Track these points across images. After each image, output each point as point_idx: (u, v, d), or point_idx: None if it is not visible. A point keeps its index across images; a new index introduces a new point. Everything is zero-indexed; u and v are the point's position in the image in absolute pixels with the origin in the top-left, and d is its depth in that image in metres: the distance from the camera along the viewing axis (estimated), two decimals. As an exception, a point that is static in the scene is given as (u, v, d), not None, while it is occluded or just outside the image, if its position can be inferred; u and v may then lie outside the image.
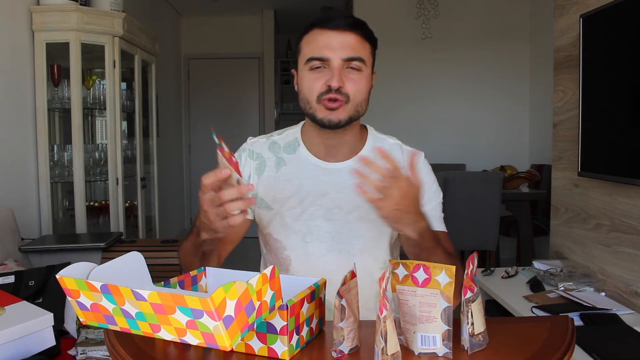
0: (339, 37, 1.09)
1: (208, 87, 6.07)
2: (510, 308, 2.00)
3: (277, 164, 1.20)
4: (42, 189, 2.72)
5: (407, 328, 0.84)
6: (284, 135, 1.24)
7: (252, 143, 1.24)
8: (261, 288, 0.69)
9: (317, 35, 1.10)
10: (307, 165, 1.19)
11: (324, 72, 1.09)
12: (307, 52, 1.11)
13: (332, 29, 1.09)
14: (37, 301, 1.75)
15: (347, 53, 1.08)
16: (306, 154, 1.20)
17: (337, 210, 1.16)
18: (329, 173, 1.18)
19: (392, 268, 0.85)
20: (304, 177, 1.18)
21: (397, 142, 1.25)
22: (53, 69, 2.76)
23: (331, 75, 1.08)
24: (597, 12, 1.98)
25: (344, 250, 1.15)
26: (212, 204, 0.88)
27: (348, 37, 1.09)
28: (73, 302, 0.73)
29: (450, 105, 4.61)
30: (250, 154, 1.22)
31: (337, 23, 1.09)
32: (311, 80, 1.10)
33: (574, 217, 2.34)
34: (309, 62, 1.10)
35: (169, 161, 5.20)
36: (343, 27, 1.09)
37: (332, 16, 1.09)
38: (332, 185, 1.17)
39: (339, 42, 1.08)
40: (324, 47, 1.08)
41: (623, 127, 1.85)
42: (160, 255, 2.34)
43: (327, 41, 1.09)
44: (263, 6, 5.85)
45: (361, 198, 1.15)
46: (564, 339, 0.85)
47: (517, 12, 4.52)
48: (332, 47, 1.08)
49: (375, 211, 1.13)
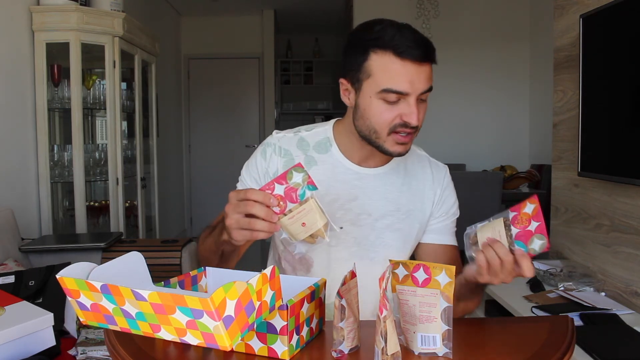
0: (418, 69, 1.00)
1: (208, 87, 6.07)
2: (510, 308, 2.00)
3: (306, 162, 1.15)
4: (42, 189, 2.72)
5: (407, 328, 0.83)
6: (312, 133, 1.19)
7: (278, 138, 1.17)
8: (261, 288, 0.69)
9: (396, 65, 1.00)
10: (339, 168, 1.15)
11: (399, 103, 1.02)
12: (381, 81, 1.01)
13: (412, 60, 1.00)
14: (37, 301, 1.75)
15: (424, 86, 1.02)
16: (339, 156, 1.16)
17: (366, 216, 1.14)
18: (361, 178, 1.15)
19: (392, 268, 0.85)
20: (335, 179, 1.14)
21: (425, 154, 1.25)
22: (53, 69, 2.76)
23: (409, 111, 1.01)
24: (597, 12, 1.98)
25: (366, 257, 1.14)
26: (236, 210, 0.86)
27: (426, 68, 1.02)
28: (73, 302, 0.73)
29: (450, 105, 4.60)
30: (276, 150, 1.16)
31: (417, 54, 1.00)
32: (384, 112, 1.03)
33: (574, 217, 2.34)
34: (384, 92, 1.01)
35: (169, 161, 5.20)
36: (422, 59, 1.01)
37: (410, 45, 0.99)
38: (363, 190, 1.14)
39: (419, 75, 1.01)
40: (405, 82, 1.00)
41: (623, 127, 1.85)
42: (160, 255, 2.34)
43: (408, 75, 1.00)
44: (263, 6, 5.85)
45: (391, 206, 1.16)
46: (564, 339, 0.85)
47: (517, 12, 4.52)
48: (412, 82, 1.00)
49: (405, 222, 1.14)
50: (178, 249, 2.35)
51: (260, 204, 0.85)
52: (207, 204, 5.94)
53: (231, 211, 0.87)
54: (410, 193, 1.18)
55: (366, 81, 1.04)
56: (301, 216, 0.89)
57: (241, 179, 1.20)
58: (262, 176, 1.16)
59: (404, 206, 1.16)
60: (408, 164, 1.20)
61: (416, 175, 1.20)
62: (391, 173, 1.17)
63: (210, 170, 6.00)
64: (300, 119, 6.91)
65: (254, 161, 1.18)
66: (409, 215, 1.17)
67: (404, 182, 1.18)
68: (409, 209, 1.17)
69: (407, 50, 0.99)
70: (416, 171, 1.20)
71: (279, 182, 0.88)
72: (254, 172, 1.17)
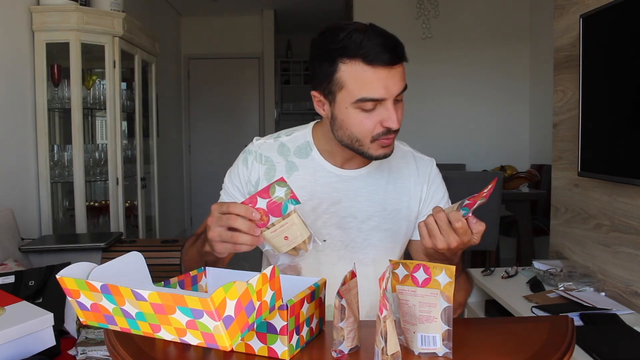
0: (391, 72, 0.98)
1: (208, 87, 6.07)
2: (510, 308, 2.00)
3: (288, 168, 1.14)
4: (42, 189, 2.72)
5: (407, 328, 0.83)
6: (292, 137, 1.17)
7: (259, 145, 1.17)
8: (261, 288, 0.69)
9: (368, 73, 0.98)
10: (320, 172, 1.14)
11: (376, 109, 1.01)
12: (355, 91, 0.99)
13: (384, 66, 0.98)
14: (37, 301, 1.75)
15: (399, 88, 1.00)
16: (320, 159, 1.15)
17: (351, 218, 1.13)
18: (343, 180, 1.14)
19: (392, 268, 0.85)
20: (317, 183, 1.14)
21: (409, 149, 1.23)
22: (53, 69, 2.76)
23: (387, 116, 1.00)
24: (597, 12, 1.98)
25: (356, 259, 1.13)
26: (218, 223, 0.86)
27: (398, 70, 1.00)
28: (73, 302, 0.73)
29: (450, 105, 4.61)
30: (257, 158, 1.15)
31: (386, 59, 0.97)
32: (363, 121, 1.01)
33: (574, 217, 2.34)
34: (360, 102, 1.00)
35: (169, 161, 5.20)
36: (393, 62, 0.98)
37: (378, 51, 0.97)
38: (346, 192, 1.14)
39: (392, 79, 0.99)
40: (380, 88, 0.98)
41: (623, 127, 1.85)
42: (160, 255, 2.35)
43: (381, 81, 0.98)
44: (263, 6, 5.86)
45: (376, 207, 1.15)
46: (564, 339, 0.85)
47: (517, 12, 4.52)
48: (386, 87, 0.99)
49: (392, 222, 1.13)
50: (178, 249, 2.35)
51: (242, 218, 0.85)
52: (207, 204, 5.85)
53: (214, 224, 0.86)
54: (396, 192, 1.17)
55: (340, 93, 1.02)
56: (284, 230, 0.90)
57: (224, 187, 1.20)
58: (245, 184, 1.16)
59: (390, 205, 1.16)
60: (392, 161, 1.18)
61: (401, 173, 1.18)
62: (375, 173, 1.16)
63: (210, 171, 6.00)
64: (300, 119, 6.92)
65: (236, 170, 1.18)
66: (396, 214, 1.16)
67: (389, 181, 1.17)
68: (395, 207, 1.16)
69: (376, 56, 0.97)
70: (400, 169, 1.19)
71: (262, 195, 0.88)
72: (236, 180, 1.17)
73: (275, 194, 0.88)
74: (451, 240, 0.88)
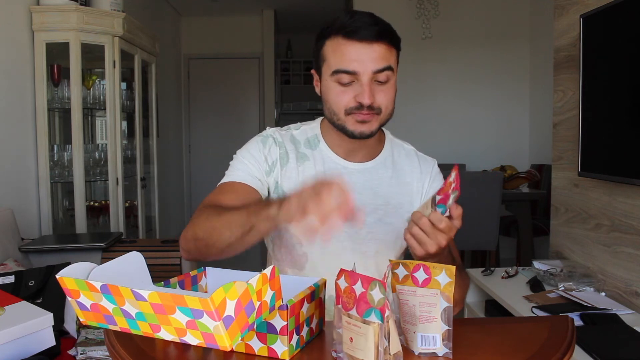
0: (367, 49, 1.03)
1: (208, 87, 6.07)
2: (510, 308, 2.00)
3: (298, 158, 1.17)
4: (42, 189, 2.72)
5: (407, 328, 0.83)
6: (301, 131, 1.21)
7: (273, 131, 1.20)
8: (261, 288, 0.69)
9: (344, 46, 1.04)
10: (329, 163, 1.17)
11: (353, 85, 1.05)
12: (333, 63, 1.05)
13: (360, 40, 1.03)
14: (37, 301, 1.75)
15: (376, 65, 1.03)
16: (327, 151, 1.18)
17: None
18: (349, 173, 1.17)
19: (392, 268, 0.85)
20: (327, 174, 1.16)
21: (412, 148, 1.27)
22: (53, 69, 2.76)
23: (361, 91, 1.04)
24: (597, 12, 1.98)
25: (359, 250, 1.15)
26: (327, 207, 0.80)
27: (376, 47, 1.03)
28: (73, 302, 0.73)
29: (450, 105, 4.60)
30: (275, 141, 1.17)
31: (365, 34, 1.02)
32: (339, 94, 1.06)
33: (574, 217, 2.34)
34: (336, 74, 1.05)
35: (169, 161, 5.20)
36: (371, 38, 1.03)
37: (358, 26, 1.03)
38: (353, 185, 1.15)
39: (368, 54, 1.03)
40: (353, 61, 1.03)
41: (623, 127, 1.85)
42: (160, 255, 2.34)
43: (356, 54, 1.03)
44: (263, 6, 5.85)
45: (380, 200, 1.17)
46: (564, 339, 0.85)
47: (517, 12, 4.52)
48: (361, 61, 1.03)
49: (395, 216, 1.15)
50: (178, 249, 2.35)
51: None
52: (207, 204, 5.93)
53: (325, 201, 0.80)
54: (399, 187, 1.19)
55: (323, 67, 1.09)
56: (354, 332, 0.76)
57: (238, 157, 1.16)
58: (263, 160, 1.15)
59: (394, 199, 1.18)
60: (395, 158, 1.22)
61: (404, 169, 1.21)
62: (379, 167, 1.19)
63: (210, 170, 6.00)
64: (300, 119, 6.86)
65: (254, 144, 1.17)
66: (399, 208, 1.18)
67: (393, 176, 1.19)
68: (399, 202, 1.18)
69: (355, 30, 1.03)
70: (404, 165, 1.22)
71: (364, 280, 0.75)
72: (255, 152, 1.16)
73: (372, 290, 0.74)
74: (440, 240, 0.89)
